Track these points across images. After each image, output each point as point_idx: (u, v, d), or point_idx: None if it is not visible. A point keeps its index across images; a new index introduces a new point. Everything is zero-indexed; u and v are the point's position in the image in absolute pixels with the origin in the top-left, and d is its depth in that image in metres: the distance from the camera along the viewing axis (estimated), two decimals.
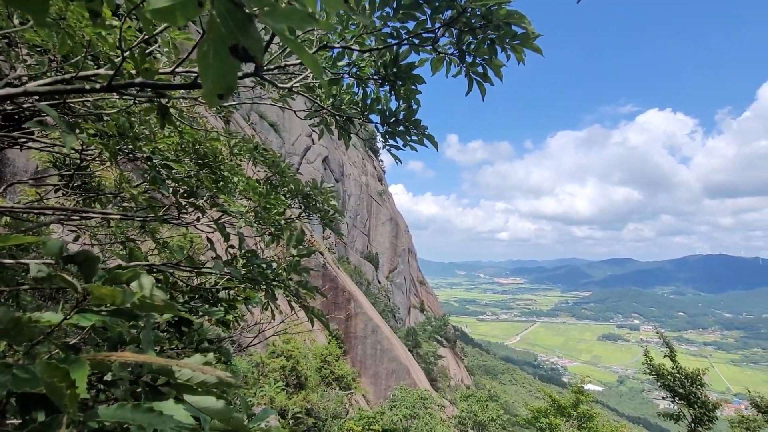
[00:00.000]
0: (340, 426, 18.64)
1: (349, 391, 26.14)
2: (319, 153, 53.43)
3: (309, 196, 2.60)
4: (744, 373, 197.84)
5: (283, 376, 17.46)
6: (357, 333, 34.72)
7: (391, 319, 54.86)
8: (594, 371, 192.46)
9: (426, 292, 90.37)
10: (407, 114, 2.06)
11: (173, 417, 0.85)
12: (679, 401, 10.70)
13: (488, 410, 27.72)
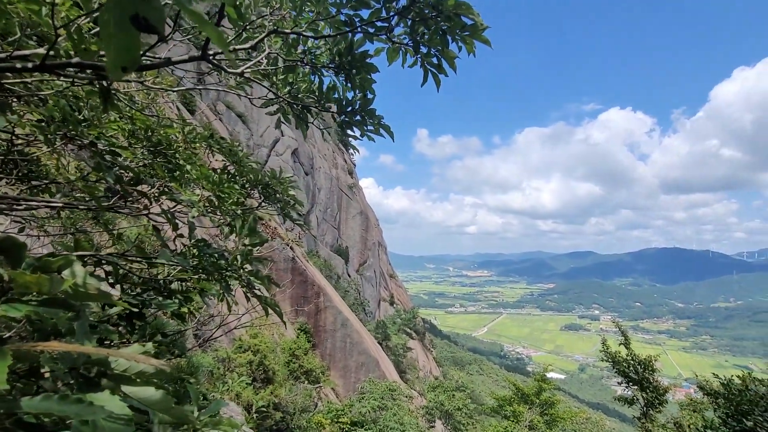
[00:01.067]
0: (308, 419, 18.60)
1: (318, 384, 26.09)
2: (288, 145, 52.60)
3: (268, 185, 2.55)
4: (694, 359, 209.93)
5: (250, 371, 17.22)
6: (326, 326, 34.60)
7: (361, 312, 54.96)
8: (557, 360, 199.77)
9: (396, 285, 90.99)
10: (363, 103, 2.06)
11: (104, 408, 0.83)
12: (633, 386, 11.27)
13: (455, 400, 28.30)
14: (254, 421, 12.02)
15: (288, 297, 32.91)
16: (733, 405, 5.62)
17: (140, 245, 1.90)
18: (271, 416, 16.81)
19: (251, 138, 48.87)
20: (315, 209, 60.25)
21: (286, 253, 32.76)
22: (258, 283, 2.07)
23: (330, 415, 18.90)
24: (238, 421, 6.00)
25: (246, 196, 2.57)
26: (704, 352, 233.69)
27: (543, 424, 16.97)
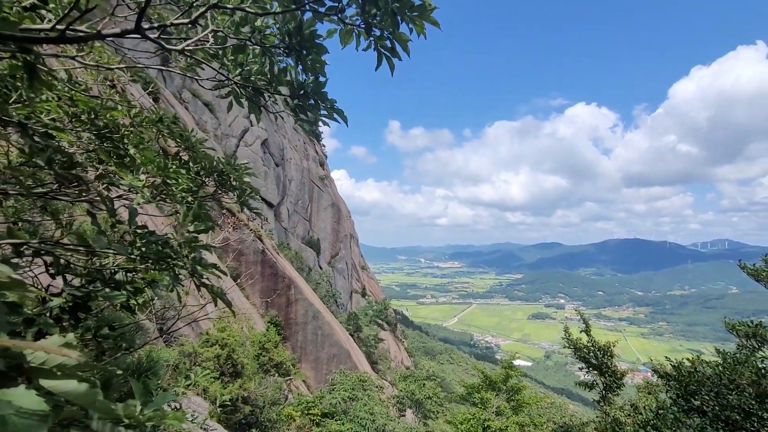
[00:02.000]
0: (278, 412, 18.48)
1: (289, 377, 25.93)
2: (258, 135, 51.46)
3: (223, 173, 2.45)
4: (651, 345, 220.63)
5: (217, 365, 16.92)
6: (297, 319, 34.38)
7: (333, 304, 54.83)
8: (524, 348, 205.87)
9: (368, 277, 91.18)
10: (315, 86, 2.00)
11: (11, 403, 0.76)
12: (593, 371, 11.75)
13: (425, 389, 28.75)
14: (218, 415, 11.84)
15: (258, 290, 32.46)
16: (683, 386, 5.93)
17: (80, 233, 1.78)
18: (240, 410, 16.61)
19: (219, 127, 47.55)
20: (286, 201, 59.40)
21: (255, 246, 32.24)
22: (204, 271, 1.99)
23: (300, 408, 18.84)
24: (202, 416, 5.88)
25: (201, 183, 2.47)
26: (661, 337, 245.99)
27: (509, 409, 17.47)
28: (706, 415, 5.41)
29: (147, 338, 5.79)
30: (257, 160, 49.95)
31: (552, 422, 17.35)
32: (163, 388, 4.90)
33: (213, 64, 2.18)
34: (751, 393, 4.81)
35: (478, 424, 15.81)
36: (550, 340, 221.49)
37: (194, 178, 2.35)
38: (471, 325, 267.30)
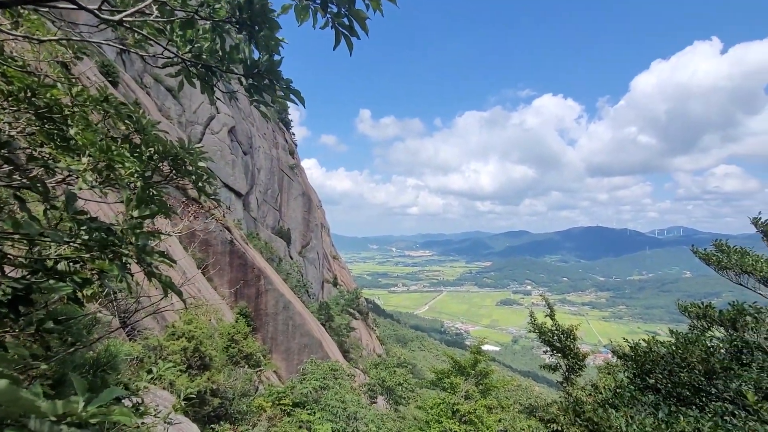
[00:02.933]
0: (248, 404, 18.30)
1: (259, 368, 25.68)
2: (224, 123, 50.00)
3: (178, 157, 2.31)
4: (611, 327, 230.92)
5: (184, 358, 16.55)
6: (268, 310, 34.02)
7: (304, 294, 54.51)
8: (492, 333, 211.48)
9: (339, 266, 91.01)
10: (269, 65, 1.91)
11: None
12: (557, 354, 12.16)
13: (396, 376, 29.09)
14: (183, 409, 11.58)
15: (227, 281, 31.86)
16: (639, 366, 6.21)
17: (16, 219, 1.65)
18: (209, 402, 16.34)
19: (183, 114, 45.93)
20: (255, 190, 58.21)
21: (223, 236, 31.54)
22: (151, 259, 1.89)
23: (271, 398, 18.71)
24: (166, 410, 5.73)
25: (155, 168, 2.33)
26: (620, 320, 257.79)
27: (478, 393, 17.91)
28: (659, 392, 5.70)
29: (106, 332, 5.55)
30: (224, 148, 48.62)
31: (518, 404, 17.93)
32: (124, 383, 4.73)
33: (161, 41, 2.05)
34: (701, 370, 5.08)
35: (447, 408, 16.14)
36: (517, 326, 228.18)
37: (146, 163, 2.21)
38: (441, 313, 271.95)
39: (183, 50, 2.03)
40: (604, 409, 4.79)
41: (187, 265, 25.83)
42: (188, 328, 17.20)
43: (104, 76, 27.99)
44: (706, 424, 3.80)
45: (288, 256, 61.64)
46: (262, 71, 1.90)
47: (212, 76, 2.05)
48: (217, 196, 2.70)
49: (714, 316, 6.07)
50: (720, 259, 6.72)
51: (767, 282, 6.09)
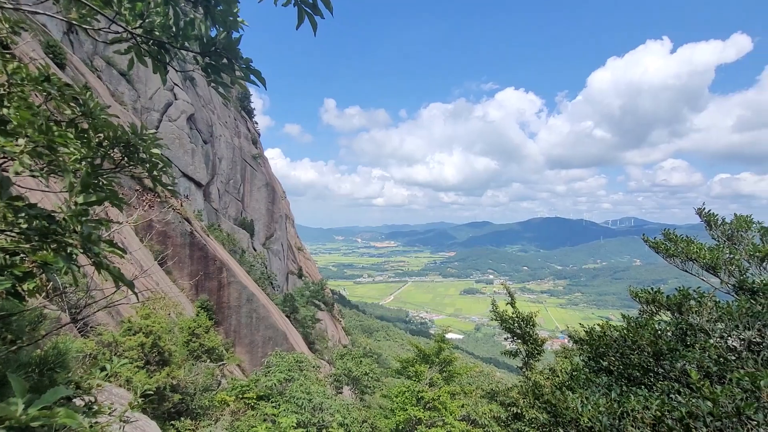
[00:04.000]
0: (211, 398, 17.90)
1: (222, 362, 25.14)
2: (183, 110, 48.02)
3: (130, 144, 2.15)
4: (568, 314, 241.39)
5: (142, 353, 15.94)
6: (230, 302, 33.32)
7: (268, 286, 53.71)
8: (456, 322, 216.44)
9: (304, 258, 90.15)
10: (227, 43, 1.80)
11: None
12: (517, 340, 12.60)
13: (362, 365, 29.25)
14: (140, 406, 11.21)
15: (186, 274, 30.90)
16: (594, 349, 6.51)
17: None
18: (169, 399, 15.86)
19: (138, 100, 43.73)
20: (216, 180, 56.48)
21: (183, 227, 30.49)
22: (97, 248, 1.77)
23: (234, 392, 18.37)
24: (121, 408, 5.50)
25: (104, 155, 2.17)
26: (576, 307, 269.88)
27: (442, 380, 18.30)
28: (612, 374, 6.00)
29: (54, 328, 5.24)
30: (183, 136, 46.78)
31: (481, 389, 18.46)
32: (75, 381, 4.50)
33: (109, 14, 1.89)
34: (650, 352, 5.38)
35: (412, 396, 16.41)
36: (480, 314, 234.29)
37: (95, 149, 2.05)
38: (406, 303, 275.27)
39: (132, 25, 1.89)
40: (562, 391, 5.00)
41: (143, 258, 24.83)
42: (146, 322, 16.55)
43: (50, 57, 26.19)
44: (654, 402, 4.02)
45: (251, 247, 60.42)
46: (220, 50, 1.79)
47: (165, 54, 1.92)
48: (175, 186, 2.56)
49: (662, 301, 6.42)
50: (668, 248, 7.11)
51: (710, 268, 6.51)
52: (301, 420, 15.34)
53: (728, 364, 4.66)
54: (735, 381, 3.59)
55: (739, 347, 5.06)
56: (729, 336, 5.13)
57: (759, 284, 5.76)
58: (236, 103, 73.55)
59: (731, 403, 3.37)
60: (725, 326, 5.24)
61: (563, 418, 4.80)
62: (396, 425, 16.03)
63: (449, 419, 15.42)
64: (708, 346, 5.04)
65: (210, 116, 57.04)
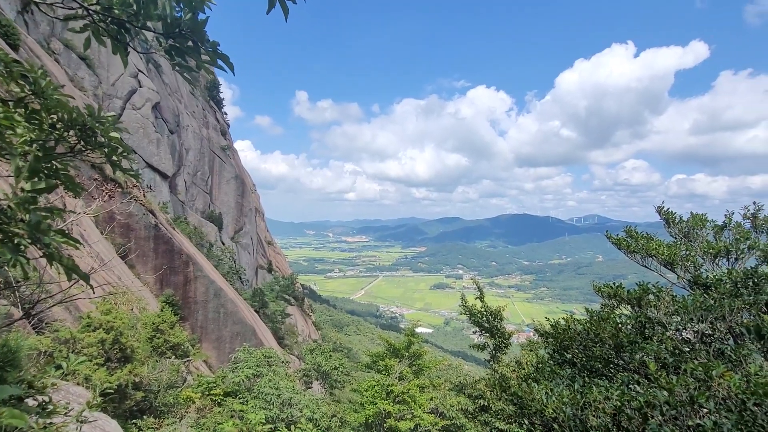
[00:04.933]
0: (175, 396, 17.44)
1: (188, 358, 24.53)
2: (148, 98, 46.20)
3: (86, 126, 2.00)
4: (534, 308, 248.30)
5: (102, 350, 15.33)
6: (197, 297, 32.52)
7: (237, 281, 52.69)
8: (426, 316, 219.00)
9: (274, 252, 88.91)
10: (193, 25, 1.70)
11: None
12: (485, 334, 12.87)
13: (332, 360, 29.21)
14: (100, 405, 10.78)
15: (151, 268, 29.90)
16: (558, 342, 6.70)
17: None
18: (131, 397, 15.34)
19: (99, 86, 41.74)
20: (183, 172, 54.78)
21: (147, 220, 29.45)
22: (48, 238, 1.65)
23: (201, 389, 17.97)
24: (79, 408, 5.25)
25: (58, 138, 2.02)
26: (542, 301, 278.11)
27: (411, 374, 18.47)
28: (575, 366, 6.20)
29: (4, 324, 4.96)
30: (148, 125, 45.06)
31: (449, 382, 18.77)
32: (27, 380, 4.29)
33: None
34: (611, 344, 5.59)
35: (382, 390, 16.49)
36: (449, 308, 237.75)
37: (48, 132, 1.91)
38: (377, 297, 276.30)
39: (89, 1, 1.76)
40: (528, 383, 5.12)
41: (104, 250, 23.86)
42: (107, 318, 15.92)
43: (2, 38, 24.63)
44: (615, 392, 4.17)
45: (219, 241, 59.08)
46: (185, 31, 1.68)
47: (125, 35, 1.79)
48: (137, 173, 2.42)
49: (623, 295, 6.67)
50: (629, 244, 7.40)
51: (667, 264, 6.81)
52: (270, 416, 15.17)
53: (683, 356, 4.89)
54: (689, 371, 3.77)
55: (693, 339, 5.32)
56: (684, 329, 5.39)
57: (712, 279, 6.06)
58: (204, 93, 71.44)
59: (686, 393, 3.53)
60: (681, 319, 5.49)
61: (529, 410, 4.92)
62: (365, 419, 16.09)
63: (418, 412, 15.60)
64: (665, 338, 5.28)
65: (177, 105, 55.19)
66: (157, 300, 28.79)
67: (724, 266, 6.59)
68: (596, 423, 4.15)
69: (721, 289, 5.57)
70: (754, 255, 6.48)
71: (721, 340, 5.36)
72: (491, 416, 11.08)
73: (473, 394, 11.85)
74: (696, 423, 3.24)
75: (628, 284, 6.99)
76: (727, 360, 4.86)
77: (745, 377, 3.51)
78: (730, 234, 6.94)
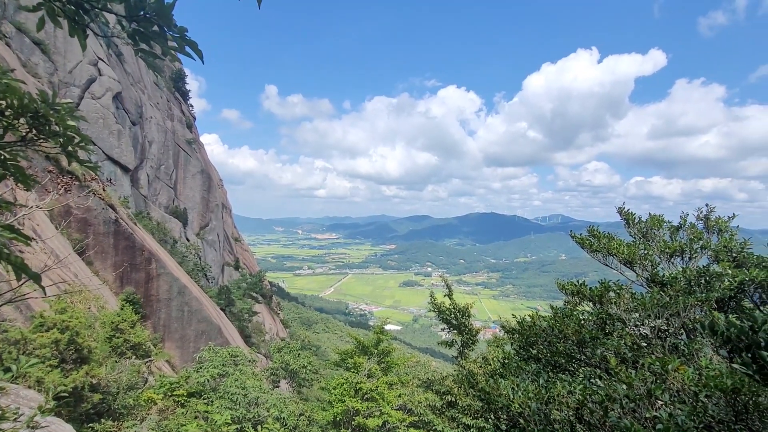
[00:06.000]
0: (136, 397, 16.82)
1: (149, 358, 23.73)
2: (108, 87, 44.19)
3: (39, 114, 1.84)
4: (500, 305, 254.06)
5: (56, 351, 14.61)
6: (160, 295, 31.46)
7: (202, 278, 51.32)
8: (395, 313, 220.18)
9: (242, 249, 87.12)
10: (159, 8, 1.60)
11: None
12: (453, 331, 13.06)
13: (300, 358, 28.92)
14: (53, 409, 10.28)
15: (110, 265, 28.68)
16: (524, 338, 6.87)
17: None
18: (87, 399, 14.68)
19: (55, 73, 39.58)
20: (145, 165, 52.79)
21: (106, 215, 28.20)
22: None
23: (163, 389, 17.41)
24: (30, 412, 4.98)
25: (7, 126, 1.87)
26: (507, 298, 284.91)
27: (380, 371, 18.51)
28: (540, 362, 6.37)
29: None
30: (108, 116, 43.11)
31: (417, 378, 18.94)
32: None
33: None
34: (574, 340, 5.77)
35: (350, 387, 16.46)
36: (418, 305, 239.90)
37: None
38: (346, 295, 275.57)
39: None
40: (495, 379, 5.22)
41: (60, 246, 22.72)
42: (62, 317, 15.16)
43: None
44: (578, 387, 4.30)
45: (184, 237, 57.35)
46: (150, 15, 1.58)
47: (84, 16, 1.67)
48: (95, 165, 2.28)
49: (585, 292, 6.91)
50: (592, 243, 7.66)
51: (627, 263, 7.10)
52: (236, 416, 14.87)
53: (641, 350, 5.11)
54: (647, 366, 3.94)
55: (650, 335, 5.56)
56: (642, 324, 5.63)
57: (668, 277, 6.36)
58: (169, 84, 69.00)
59: (644, 386, 3.69)
60: (639, 316, 5.74)
61: (495, 405, 5.02)
62: (333, 416, 16.02)
63: (386, 409, 15.67)
64: (624, 334, 5.50)
65: (140, 96, 53.07)
66: (117, 298, 27.67)
67: (679, 265, 6.93)
68: (560, 417, 4.27)
69: (676, 287, 5.85)
70: (706, 254, 6.84)
71: (675, 335, 5.64)
72: (458, 412, 11.26)
73: (441, 390, 12.01)
74: (653, 415, 3.38)
75: (590, 282, 7.25)
76: (680, 354, 5.12)
77: (697, 371, 3.69)
78: (684, 234, 7.30)
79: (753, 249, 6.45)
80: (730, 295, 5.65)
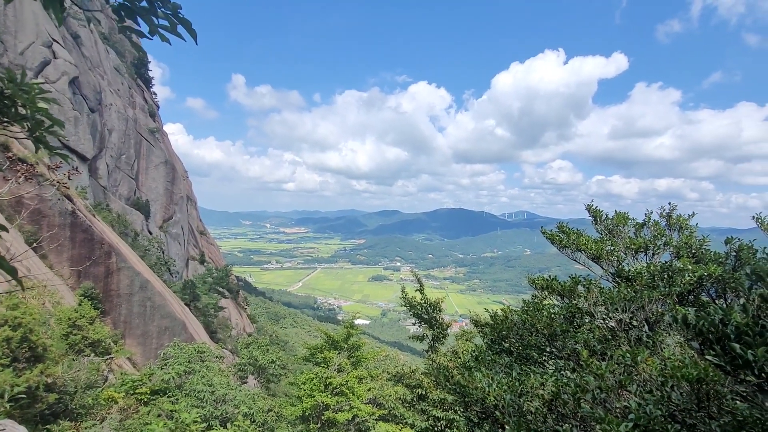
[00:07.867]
0: (95, 396, 16.15)
1: (109, 356, 22.83)
2: (64, 71, 41.83)
3: (4, 94, 1.66)
4: (467, 299, 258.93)
5: (7, 350, 13.82)
6: (120, 290, 30.25)
7: (165, 272, 49.68)
8: (364, 308, 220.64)
9: (207, 242, 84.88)
10: None
11: None
12: (424, 325, 13.21)
13: (268, 354, 28.56)
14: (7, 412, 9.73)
15: (67, 258, 27.33)
16: (497, 332, 7.02)
17: None
18: (42, 399, 13.98)
19: (5, 54, 37.16)
20: (105, 155, 50.45)
21: (62, 206, 26.80)
22: None
23: (124, 388, 16.78)
24: None
25: None
26: (474, 292, 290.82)
27: (350, 365, 18.53)
28: (512, 355, 6.53)
29: None
30: (64, 101, 40.87)
31: (387, 372, 19.07)
32: None
33: None
34: (545, 334, 5.94)
35: (320, 382, 16.40)
36: (386, 299, 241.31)
37: None
38: (315, 289, 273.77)
39: None
40: (470, 372, 5.31)
41: (10, 239, 21.42)
42: (13, 314, 14.34)
43: None
44: (549, 379, 4.43)
45: (146, 230, 55.30)
46: None
47: None
48: (65, 154, 2.11)
49: (555, 287, 7.12)
50: (561, 239, 7.89)
51: (594, 258, 7.36)
52: (204, 414, 14.53)
53: (609, 343, 5.32)
54: (616, 358, 4.10)
55: (616, 327, 5.80)
56: (609, 318, 5.86)
57: (633, 273, 6.64)
58: (131, 70, 66.04)
59: (614, 377, 3.84)
60: (606, 309, 5.96)
61: (471, 398, 5.11)
62: (302, 412, 15.93)
63: (356, 403, 15.72)
64: (593, 327, 5.71)
65: (99, 81, 50.54)
66: (74, 293, 26.41)
67: (644, 260, 7.25)
68: (533, 408, 4.40)
69: (641, 282, 6.12)
70: (668, 250, 7.19)
71: (639, 328, 5.90)
72: (429, 405, 11.41)
73: (411, 383, 12.14)
74: (623, 405, 3.53)
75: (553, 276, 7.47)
76: (644, 345, 5.36)
77: (663, 361, 3.88)
78: (648, 231, 7.64)
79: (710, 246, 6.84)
80: (689, 289, 5.96)
